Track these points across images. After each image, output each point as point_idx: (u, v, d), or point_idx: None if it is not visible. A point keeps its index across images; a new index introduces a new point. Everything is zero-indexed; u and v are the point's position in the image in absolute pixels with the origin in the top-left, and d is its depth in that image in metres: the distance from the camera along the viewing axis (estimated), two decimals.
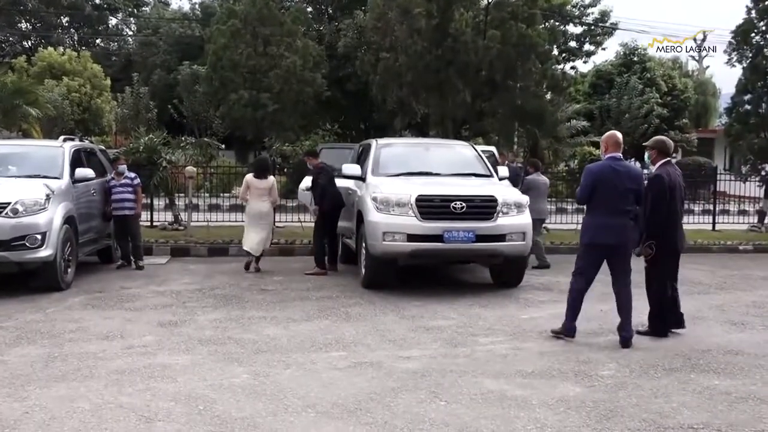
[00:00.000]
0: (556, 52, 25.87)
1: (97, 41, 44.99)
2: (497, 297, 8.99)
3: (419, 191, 9.02)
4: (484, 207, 9.00)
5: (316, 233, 10.84)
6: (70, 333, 6.92)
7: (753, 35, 17.59)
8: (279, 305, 8.33)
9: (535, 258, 11.13)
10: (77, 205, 9.75)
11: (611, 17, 32.22)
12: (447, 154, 11.15)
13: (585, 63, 34.75)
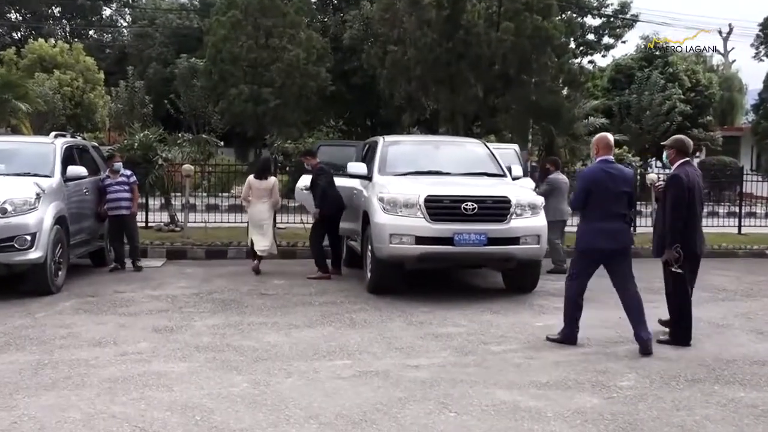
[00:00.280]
0: (573, 45, 25.91)
1: (90, 33, 45.13)
2: (510, 303, 8.98)
3: (428, 191, 9.01)
4: (496, 208, 8.99)
5: (312, 237, 10.86)
6: (60, 339, 6.93)
7: None
8: (280, 311, 8.34)
9: (551, 262, 11.11)
10: (69, 205, 9.78)
11: (631, 8, 32.29)
12: (457, 152, 11.15)
13: (604, 57, 34.85)
